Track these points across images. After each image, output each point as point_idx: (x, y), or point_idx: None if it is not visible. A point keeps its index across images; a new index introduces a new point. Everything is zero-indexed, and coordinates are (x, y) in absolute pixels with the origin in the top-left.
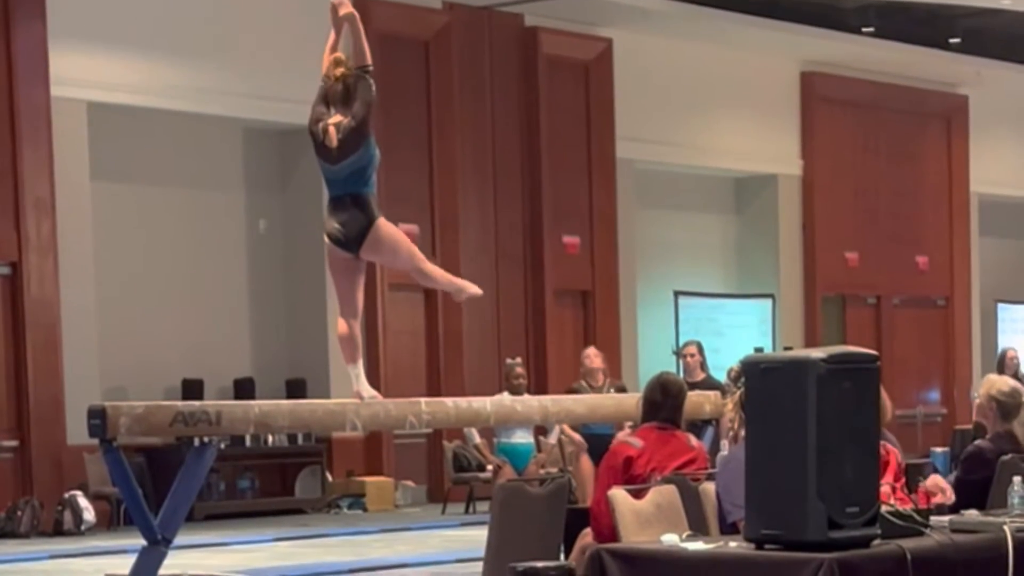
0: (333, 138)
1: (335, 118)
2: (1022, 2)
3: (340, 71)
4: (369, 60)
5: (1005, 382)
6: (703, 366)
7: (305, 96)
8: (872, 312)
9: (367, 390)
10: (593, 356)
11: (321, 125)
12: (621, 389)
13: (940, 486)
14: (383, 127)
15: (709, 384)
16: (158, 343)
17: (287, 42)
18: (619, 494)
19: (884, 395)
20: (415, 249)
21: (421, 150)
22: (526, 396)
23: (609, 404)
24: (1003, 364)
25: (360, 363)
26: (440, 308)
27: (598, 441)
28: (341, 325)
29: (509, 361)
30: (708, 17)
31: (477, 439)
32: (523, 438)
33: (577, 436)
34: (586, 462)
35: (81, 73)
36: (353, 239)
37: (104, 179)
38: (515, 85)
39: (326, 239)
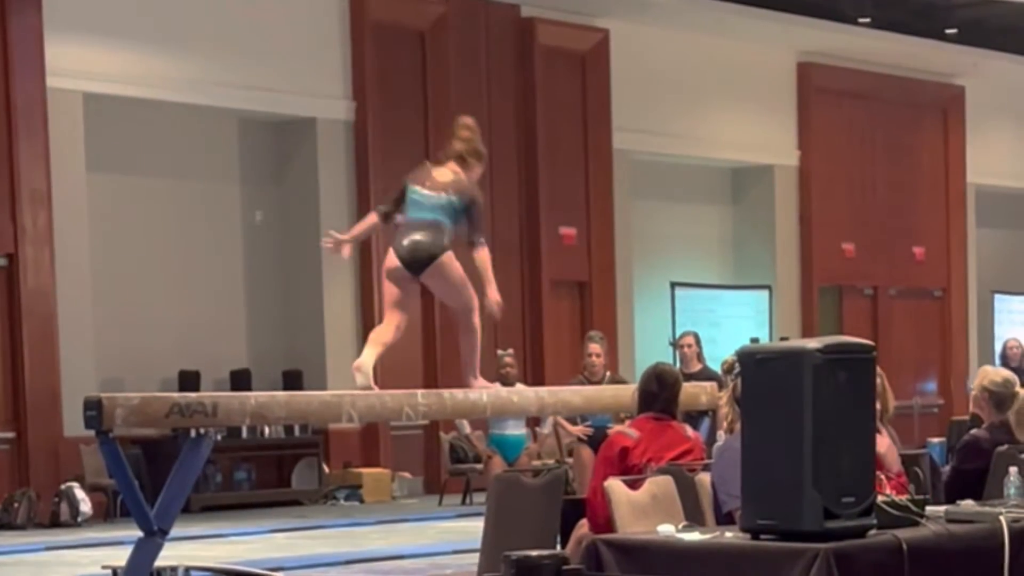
0: (449, 174)
1: (456, 165)
2: None
3: (466, 134)
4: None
5: (998, 372)
6: (700, 356)
7: (300, 88)
8: (869, 303)
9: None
10: (595, 357)
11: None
12: (619, 383)
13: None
14: (379, 117)
15: (706, 375)
16: (154, 334)
17: (283, 34)
18: (615, 485)
19: (888, 389)
20: (474, 297)
21: (417, 140)
22: (522, 387)
23: (607, 395)
24: (1005, 355)
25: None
26: (437, 299)
27: (595, 433)
28: (384, 334)
29: (500, 352)
30: (705, 7)
31: (467, 429)
32: (515, 429)
33: (573, 427)
34: (587, 453)
35: (77, 64)
36: (419, 261)
37: (100, 170)
38: (511, 76)
39: (392, 253)
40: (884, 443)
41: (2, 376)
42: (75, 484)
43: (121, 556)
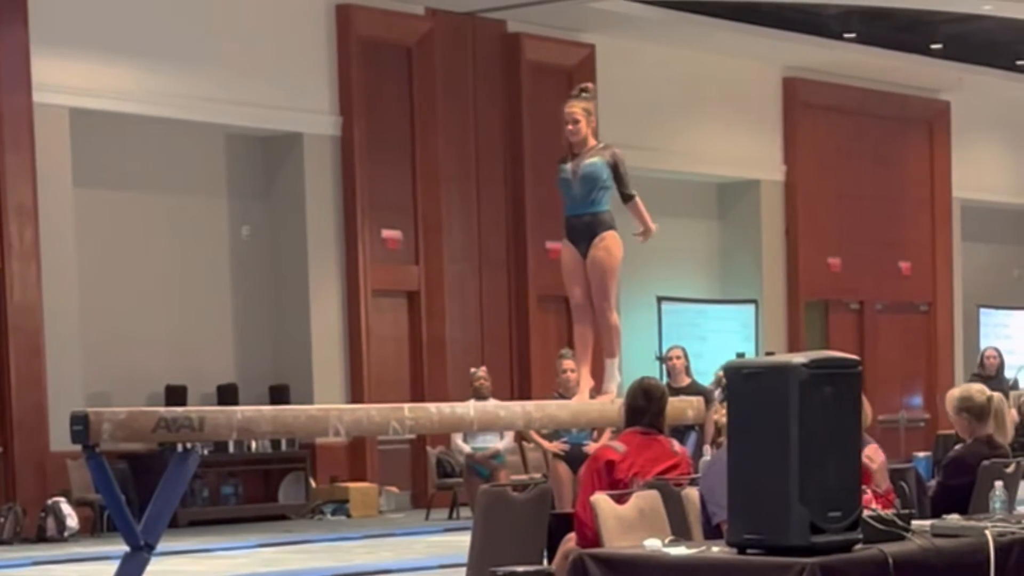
0: None
1: None
2: (1003, 8)
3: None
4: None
5: (966, 389)
6: (688, 370)
7: (287, 103)
8: (855, 317)
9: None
10: (570, 373)
11: None
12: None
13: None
14: (366, 133)
15: (694, 389)
16: (141, 349)
17: (269, 49)
18: (602, 499)
19: (864, 400)
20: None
21: (404, 156)
22: (502, 401)
23: (593, 410)
24: (983, 364)
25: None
26: (423, 314)
27: (571, 449)
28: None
29: (473, 369)
30: (691, 23)
31: (466, 448)
32: (491, 443)
33: (549, 444)
34: (563, 468)
35: (63, 79)
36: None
37: (87, 185)
38: (498, 91)
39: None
40: (879, 458)
41: None
42: (62, 499)
43: (108, 571)
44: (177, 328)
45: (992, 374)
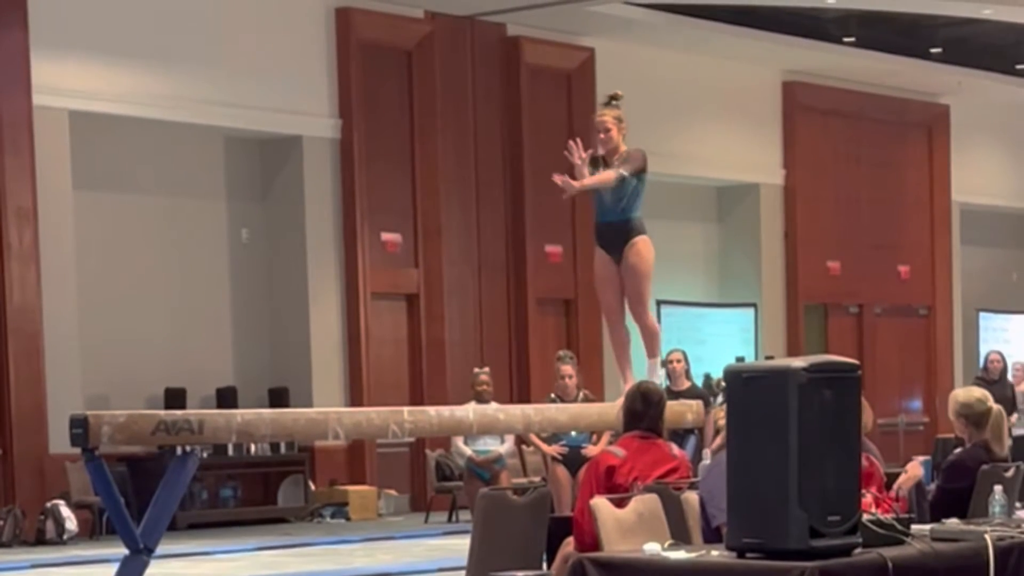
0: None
1: None
2: (1003, 12)
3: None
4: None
5: (968, 394)
6: (688, 374)
7: (286, 106)
8: (854, 321)
9: None
10: (568, 379)
11: None
12: (588, 399)
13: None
14: (366, 136)
15: (694, 393)
16: (140, 352)
17: (269, 52)
18: (601, 503)
19: (865, 404)
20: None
21: (404, 159)
22: (503, 405)
23: (592, 413)
24: (987, 368)
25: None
26: (423, 317)
27: (569, 452)
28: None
29: (476, 370)
30: (690, 27)
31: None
32: (491, 446)
33: (548, 447)
34: (562, 472)
35: (63, 82)
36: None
37: (86, 188)
38: (497, 94)
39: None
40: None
41: None
42: (61, 501)
43: (107, 574)
44: (176, 331)
45: (995, 378)
